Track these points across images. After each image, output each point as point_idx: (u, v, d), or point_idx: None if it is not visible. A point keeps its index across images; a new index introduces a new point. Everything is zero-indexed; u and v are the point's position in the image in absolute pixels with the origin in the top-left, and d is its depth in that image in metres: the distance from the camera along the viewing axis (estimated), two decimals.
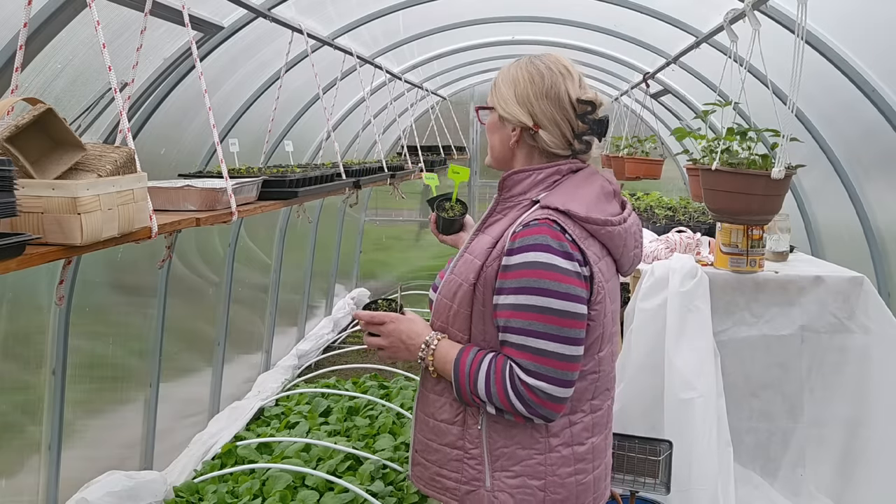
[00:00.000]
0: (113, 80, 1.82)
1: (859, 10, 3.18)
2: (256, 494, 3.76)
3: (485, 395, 1.57)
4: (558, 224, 1.55)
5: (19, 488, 3.03)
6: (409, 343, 1.69)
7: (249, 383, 5.36)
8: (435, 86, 7.57)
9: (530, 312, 1.53)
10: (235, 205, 2.29)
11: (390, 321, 1.71)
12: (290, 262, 6.13)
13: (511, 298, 1.55)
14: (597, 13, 4.98)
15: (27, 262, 1.44)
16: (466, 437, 1.66)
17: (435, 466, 1.71)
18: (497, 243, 1.61)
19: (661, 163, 5.84)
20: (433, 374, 1.68)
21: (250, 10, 3.15)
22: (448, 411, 1.68)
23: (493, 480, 1.63)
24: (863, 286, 3.12)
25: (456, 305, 1.64)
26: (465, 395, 1.61)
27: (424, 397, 1.75)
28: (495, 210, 1.69)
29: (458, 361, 1.61)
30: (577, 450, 1.65)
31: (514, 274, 1.54)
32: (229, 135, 4.12)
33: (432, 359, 1.66)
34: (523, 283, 1.53)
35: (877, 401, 3.05)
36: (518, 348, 1.55)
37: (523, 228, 1.56)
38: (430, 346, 1.66)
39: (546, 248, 1.52)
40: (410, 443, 1.82)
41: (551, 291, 1.51)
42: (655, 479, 2.82)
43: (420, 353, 1.67)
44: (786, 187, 2.69)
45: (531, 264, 1.52)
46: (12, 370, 3.01)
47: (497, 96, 1.72)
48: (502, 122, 1.71)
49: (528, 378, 1.53)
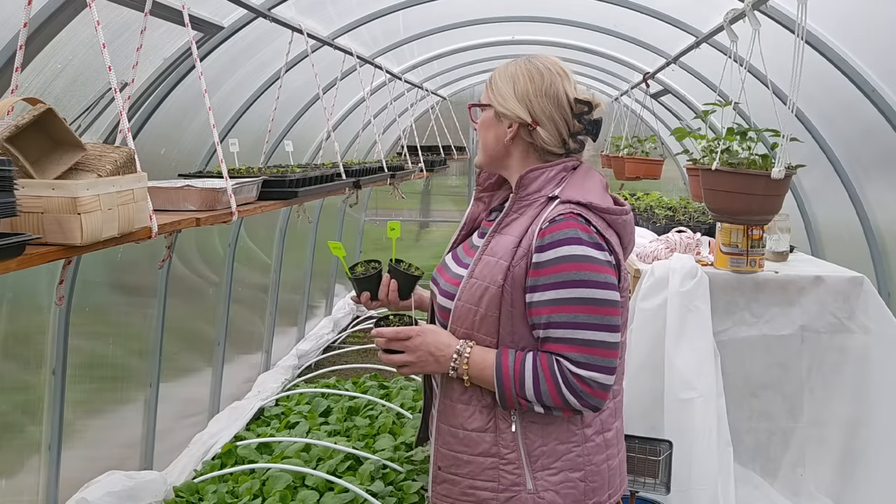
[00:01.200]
0: (113, 80, 1.82)
1: (859, 10, 3.18)
2: (256, 494, 3.76)
3: (533, 396, 1.55)
4: (583, 217, 1.57)
5: (19, 488, 3.03)
6: (438, 355, 1.64)
7: (249, 383, 5.36)
8: (435, 86, 7.57)
9: (573, 305, 1.53)
10: (235, 205, 2.29)
11: (416, 335, 1.66)
12: (290, 262, 6.13)
13: (550, 294, 1.55)
14: (597, 13, 4.99)
15: (27, 262, 1.44)
16: (500, 443, 1.63)
17: (467, 479, 1.66)
18: (521, 242, 1.60)
19: (661, 163, 5.84)
20: (467, 383, 1.63)
21: (250, 10, 3.15)
22: (479, 419, 1.65)
23: (536, 481, 1.62)
24: (863, 286, 3.12)
25: (483, 309, 1.62)
26: (509, 399, 1.58)
27: (449, 409, 1.70)
28: (512, 209, 1.67)
29: (499, 366, 1.58)
30: (607, 436, 1.68)
31: (549, 269, 1.54)
32: (229, 135, 4.12)
33: (467, 367, 1.62)
34: (562, 278, 1.53)
35: (877, 401, 3.05)
36: (565, 342, 1.55)
37: (550, 224, 1.56)
38: (464, 354, 1.62)
39: (578, 240, 1.54)
40: (431, 461, 1.76)
41: (591, 282, 1.53)
42: (655, 479, 2.82)
43: (452, 364, 1.63)
44: (786, 187, 2.69)
45: (567, 258, 1.53)
46: (12, 370, 3.01)
47: (494, 93, 1.72)
48: (498, 118, 1.71)
49: (579, 370, 1.53)
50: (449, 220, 9.30)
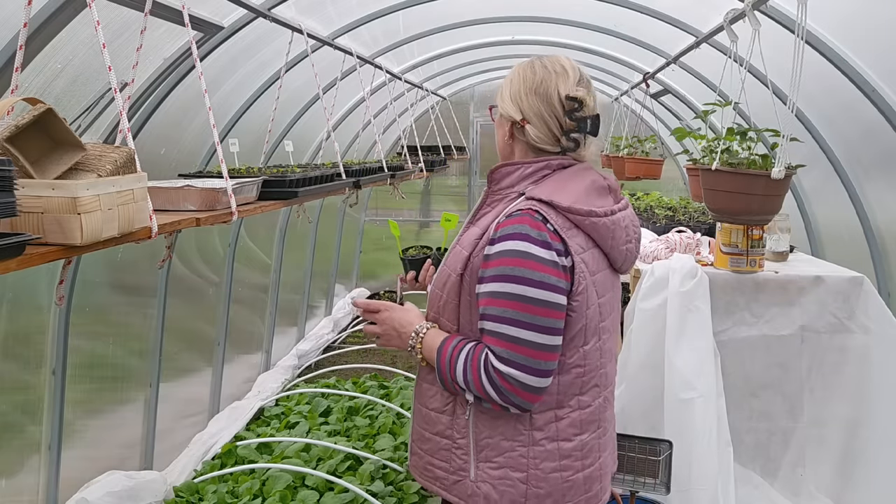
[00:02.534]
0: (113, 80, 1.82)
1: (860, 10, 3.18)
2: (256, 494, 3.76)
3: (463, 383, 1.61)
4: (540, 214, 1.58)
5: (19, 488, 3.03)
6: (401, 331, 1.75)
7: (249, 383, 5.36)
8: (435, 86, 7.57)
9: (505, 300, 1.56)
10: (235, 205, 2.29)
11: (385, 309, 1.77)
12: (290, 262, 6.13)
13: (489, 286, 1.58)
14: (597, 13, 4.99)
15: (27, 262, 1.44)
16: (455, 427, 1.70)
17: (427, 455, 1.75)
18: (484, 234, 1.65)
19: (661, 163, 5.84)
20: (422, 362, 1.73)
21: (250, 10, 3.15)
22: (438, 400, 1.73)
23: (477, 471, 1.66)
24: (863, 286, 3.12)
25: (445, 295, 1.69)
26: (446, 382, 1.65)
27: (419, 387, 1.80)
28: (485, 203, 1.73)
29: (440, 349, 1.66)
30: (564, 446, 1.65)
31: (493, 262, 1.58)
32: (229, 135, 4.12)
33: (420, 346, 1.71)
34: (500, 272, 1.56)
35: (877, 401, 3.05)
36: (492, 335, 1.58)
37: (506, 219, 1.60)
38: (420, 334, 1.71)
39: (524, 237, 1.56)
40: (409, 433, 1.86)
41: (526, 279, 1.54)
42: (655, 479, 2.82)
43: (410, 342, 1.72)
44: (786, 187, 2.69)
45: (508, 252, 1.56)
46: (12, 370, 3.00)
47: (498, 94, 1.79)
48: (501, 118, 1.77)
49: (500, 365, 1.56)
50: None
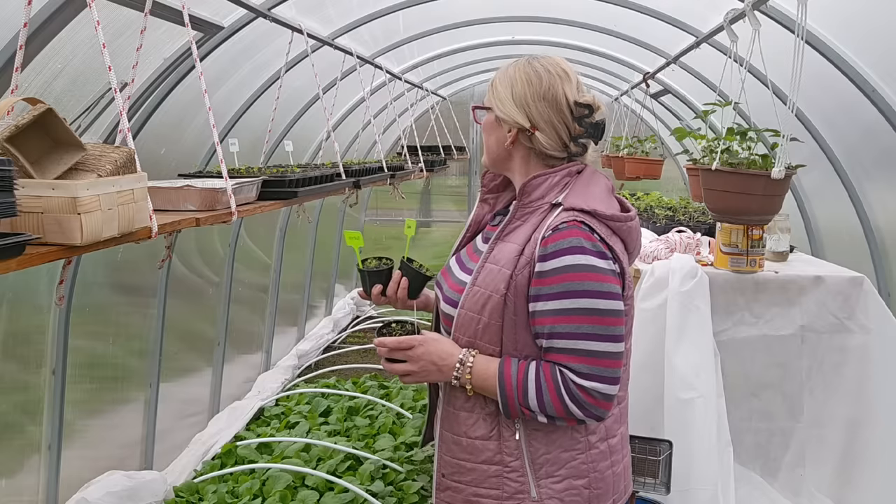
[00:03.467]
0: (113, 80, 1.82)
1: (860, 11, 3.18)
2: (256, 494, 3.76)
3: (536, 406, 1.54)
4: (587, 225, 1.55)
5: (19, 488, 3.03)
6: (441, 364, 1.62)
7: (249, 383, 5.36)
8: (435, 86, 7.57)
9: (576, 316, 1.51)
10: (235, 205, 2.29)
11: (418, 344, 1.63)
12: (290, 262, 6.13)
13: (553, 304, 1.53)
14: (597, 13, 4.99)
15: (27, 262, 1.44)
16: (504, 451, 1.62)
17: (471, 487, 1.65)
18: (524, 250, 1.57)
19: (661, 163, 5.84)
20: (470, 392, 1.61)
21: (250, 10, 3.15)
22: (483, 427, 1.63)
23: (540, 489, 1.61)
24: (863, 286, 3.11)
25: (486, 318, 1.59)
26: (512, 408, 1.56)
27: (452, 416, 1.68)
28: (515, 216, 1.64)
29: (502, 375, 1.56)
30: (612, 442, 1.67)
31: (552, 279, 1.52)
32: (229, 135, 4.12)
33: (469, 377, 1.60)
34: (565, 287, 1.51)
35: (877, 401, 3.05)
36: (567, 353, 1.53)
37: (553, 233, 1.54)
38: (466, 363, 1.60)
39: (581, 249, 1.52)
40: (434, 468, 1.74)
41: (594, 292, 1.51)
42: (655, 479, 2.82)
43: (455, 374, 1.61)
44: (786, 187, 2.69)
45: (570, 268, 1.51)
46: (12, 370, 3.00)
47: (494, 96, 1.70)
48: (499, 122, 1.69)
49: (582, 381, 1.52)
50: (449, 221, 9.30)
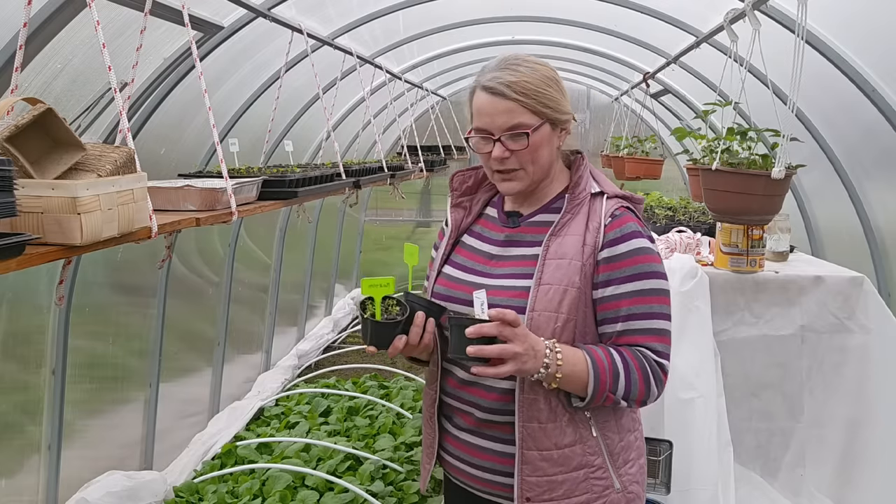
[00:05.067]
0: (113, 80, 1.82)
1: (860, 11, 3.18)
2: (256, 494, 3.76)
3: (623, 390, 1.51)
4: (631, 210, 1.62)
5: (19, 488, 3.03)
6: (538, 349, 1.47)
7: (249, 383, 5.36)
8: (435, 86, 7.57)
9: (650, 296, 1.55)
10: (235, 205, 2.29)
11: (521, 322, 1.46)
12: (290, 262, 6.13)
13: (628, 286, 1.54)
14: (597, 13, 4.99)
15: (27, 262, 1.44)
16: (587, 452, 1.57)
17: (563, 500, 1.56)
18: (585, 239, 1.57)
19: (661, 163, 5.84)
20: (553, 383, 1.49)
21: (250, 10, 3.15)
22: (569, 433, 1.56)
23: (621, 478, 1.60)
24: (863, 286, 3.11)
25: (565, 314, 1.53)
26: (600, 395, 1.51)
27: (538, 432, 1.55)
28: (567, 211, 1.61)
29: (594, 360, 1.51)
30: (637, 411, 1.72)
31: (625, 262, 1.54)
32: (229, 135, 4.12)
33: (560, 363, 1.48)
34: (638, 269, 1.54)
35: (877, 401, 3.05)
36: (647, 333, 1.55)
37: (613, 219, 1.58)
38: (555, 349, 1.49)
39: (639, 234, 1.57)
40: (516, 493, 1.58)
41: (658, 273, 1.57)
42: (655, 479, 2.82)
43: (546, 360, 1.47)
44: (786, 187, 2.69)
45: (638, 250, 1.55)
46: (12, 370, 3.00)
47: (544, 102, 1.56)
48: (554, 128, 1.60)
49: (662, 360, 1.55)
50: None
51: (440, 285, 1.71)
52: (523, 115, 1.55)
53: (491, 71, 1.59)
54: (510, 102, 1.54)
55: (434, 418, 1.71)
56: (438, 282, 1.72)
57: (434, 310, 1.59)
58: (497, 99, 1.55)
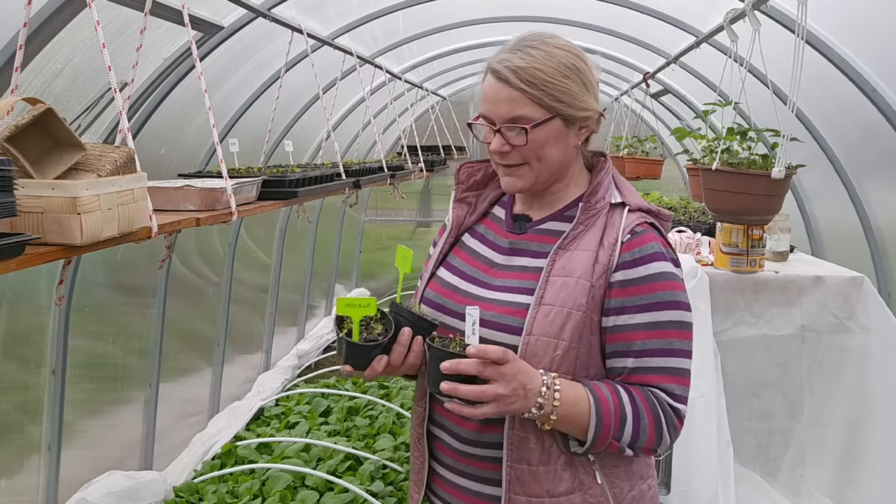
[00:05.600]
0: (113, 80, 1.82)
1: (860, 11, 3.18)
2: (256, 494, 3.76)
3: (630, 437, 1.30)
4: (656, 228, 1.38)
5: (19, 488, 3.03)
6: (529, 388, 1.25)
7: (249, 383, 5.36)
8: (435, 86, 7.57)
9: (669, 329, 1.32)
10: (235, 205, 2.29)
11: (511, 358, 1.24)
12: (290, 262, 6.13)
13: (644, 316, 1.32)
14: (597, 13, 4.99)
15: (27, 262, 1.44)
16: (589, 501, 1.36)
17: None
18: (598, 257, 1.34)
19: (661, 163, 5.84)
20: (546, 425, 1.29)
21: (250, 10, 3.15)
22: (565, 480, 1.35)
23: None
24: (863, 286, 3.11)
25: (566, 341, 1.31)
26: (602, 441, 1.29)
27: (528, 476, 1.35)
28: (579, 221, 1.38)
29: (598, 400, 1.28)
30: None
31: (642, 288, 1.32)
32: (229, 135, 4.12)
33: (558, 404, 1.26)
34: (657, 298, 1.32)
35: (877, 401, 3.05)
36: (662, 372, 1.33)
37: (633, 237, 1.34)
38: (553, 387, 1.27)
39: (663, 256, 1.34)
40: None
41: (681, 303, 1.34)
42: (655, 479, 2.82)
43: (539, 399, 1.25)
44: (786, 187, 2.69)
45: (661, 275, 1.33)
46: (12, 370, 3.00)
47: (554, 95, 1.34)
48: (569, 125, 1.37)
49: (677, 404, 1.33)
50: None
51: (432, 290, 1.50)
52: (526, 108, 1.33)
53: (504, 51, 1.38)
54: (513, 91, 1.33)
55: (423, 440, 1.51)
56: (431, 286, 1.51)
57: (422, 326, 1.38)
58: (501, 85, 1.34)
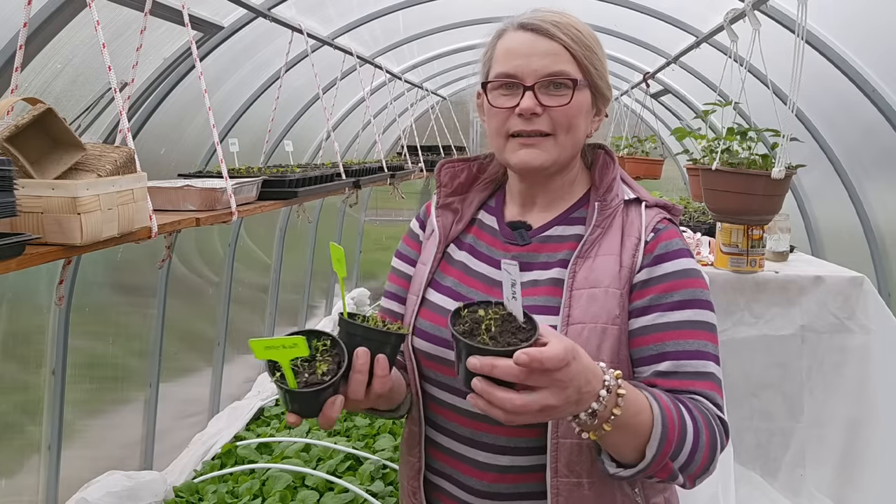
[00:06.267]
0: (113, 80, 1.82)
1: (860, 11, 3.18)
2: (256, 494, 3.76)
3: (686, 457, 1.08)
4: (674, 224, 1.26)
5: (19, 488, 3.03)
6: (585, 390, 0.98)
7: (249, 383, 5.36)
8: (435, 86, 7.57)
9: (704, 330, 1.17)
10: (235, 205, 2.29)
11: (573, 359, 0.95)
12: (290, 262, 6.13)
13: (678, 315, 1.16)
14: (597, 13, 4.98)
15: (27, 262, 1.44)
16: None
17: None
18: (622, 261, 1.20)
19: (661, 163, 5.84)
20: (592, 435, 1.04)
21: (250, 10, 3.15)
22: None
23: None
24: (863, 286, 3.11)
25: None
26: (659, 461, 1.06)
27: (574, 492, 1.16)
28: (598, 224, 1.23)
29: (662, 409, 1.06)
30: None
31: (671, 285, 1.17)
32: (229, 135, 4.12)
33: (618, 412, 1.01)
34: (690, 295, 1.17)
35: (877, 401, 3.05)
36: (701, 377, 1.14)
37: (656, 234, 1.21)
38: (616, 392, 1.01)
39: (688, 253, 1.22)
40: None
41: (709, 303, 1.20)
42: None
43: (595, 405, 0.99)
44: (786, 187, 2.69)
45: (690, 272, 1.19)
46: (12, 370, 3.00)
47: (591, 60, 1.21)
48: (592, 103, 1.24)
49: (723, 414, 1.15)
50: None
51: (426, 320, 1.27)
52: (569, 64, 1.18)
53: (524, 15, 1.24)
54: (554, 44, 1.18)
55: (420, 494, 1.28)
56: (423, 314, 1.28)
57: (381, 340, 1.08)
58: (539, 38, 1.18)
